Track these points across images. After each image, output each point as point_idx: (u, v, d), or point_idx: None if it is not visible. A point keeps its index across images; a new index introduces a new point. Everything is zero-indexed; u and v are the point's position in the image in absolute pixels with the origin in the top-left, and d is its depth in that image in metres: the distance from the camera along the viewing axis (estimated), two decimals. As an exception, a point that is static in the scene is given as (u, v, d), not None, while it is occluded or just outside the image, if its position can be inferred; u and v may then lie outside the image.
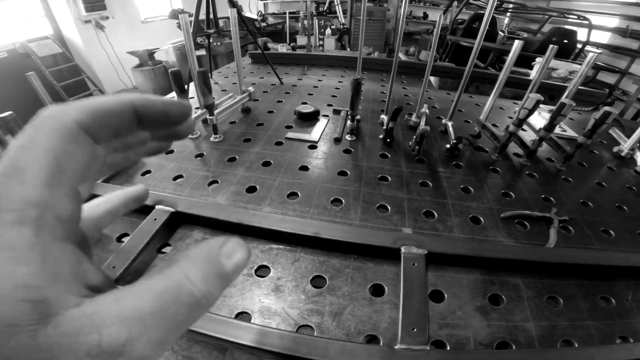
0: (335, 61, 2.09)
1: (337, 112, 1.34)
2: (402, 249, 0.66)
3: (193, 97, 1.43)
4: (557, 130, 1.26)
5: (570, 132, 1.36)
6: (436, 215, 0.83)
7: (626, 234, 0.84)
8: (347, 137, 1.15)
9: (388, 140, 1.09)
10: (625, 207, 0.93)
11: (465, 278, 0.68)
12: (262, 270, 0.67)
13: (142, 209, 0.75)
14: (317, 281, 0.66)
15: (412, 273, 0.63)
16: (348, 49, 4.29)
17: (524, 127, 1.15)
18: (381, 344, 0.56)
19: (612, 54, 4.53)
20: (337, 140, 1.13)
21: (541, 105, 1.62)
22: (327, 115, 1.33)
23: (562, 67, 2.32)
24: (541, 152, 1.13)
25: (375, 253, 0.69)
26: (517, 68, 3.17)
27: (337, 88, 1.67)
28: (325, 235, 0.67)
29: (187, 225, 0.76)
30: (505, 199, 0.92)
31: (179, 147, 1.08)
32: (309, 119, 1.27)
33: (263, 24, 5.53)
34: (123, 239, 0.73)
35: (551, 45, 1.05)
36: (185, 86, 1.37)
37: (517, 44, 1.06)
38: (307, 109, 1.28)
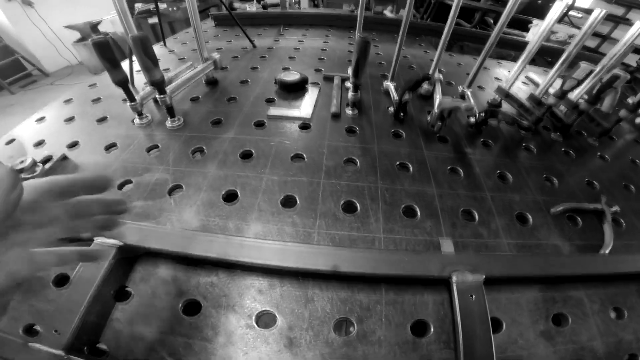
0: (316, 19, 1.77)
1: (328, 78, 1.08)
2: (454, 277, 0.49)
3: (140, 71, 1.11)
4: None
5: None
6: (477, 217, 0.64)
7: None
8: (348, 112, 0.90)
9: (402, 115, 0.86)
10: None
11: (523, 297, 0.54)
12: (266, 319, 0.47)
13: (76, 240, 0.50)
14: (342, 326, 0.49)
15: (471, 308, 0.47)
16: (321, 8, 3.88)
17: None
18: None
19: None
20: (336, 116, 0.88)
21: (528, 68, 1.45)
22: (316, 83, 1.06)
23: (562, 31, 2.17)
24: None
25: (412, 281, 0.51)
26: (509, 29, 2.99)
27: (323, 49, 1.38)
28: (347, 268, 0.47)
29: (149, 258, 0.52)
30: (547, 186, 0.75)
31: (122, 137, 0.79)
32: (295, 89, 0.99)
33: (226, -18, 4.86)
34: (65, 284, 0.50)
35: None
36: (127, 60, 1.04)
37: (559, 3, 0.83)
38: (292, 76, 1.00)
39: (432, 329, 0.47)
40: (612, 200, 0.73)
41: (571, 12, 3.83)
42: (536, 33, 0.88)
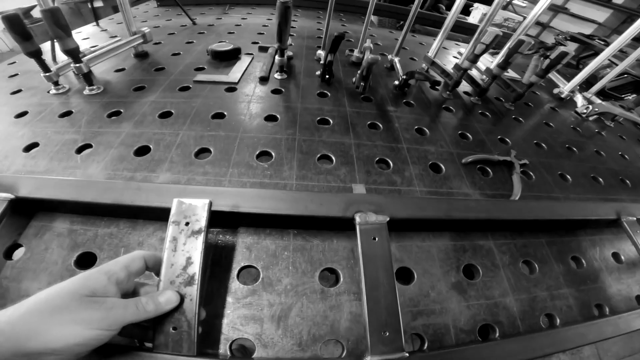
0: (263, -1, 1.75)
1: (263, 49, 1.08)
2: (357, 218, 0.47)
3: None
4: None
5: (512, 73, 1.30)
6: (392, 165, 0.67)
7: (581, 178, 0.79)
8: (276, 76, 0.91)
9: (327, 76, 0.88)
10: (574, 149, 0.89)
11: (434, 246, 0.53)
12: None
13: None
14: (247, 274, 0.47)
15: (374, 252, 0.44)
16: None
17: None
18: (344, 352, 0.41)
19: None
20: (264, 80, 0.89)
21: (462, 45, 1.55)
22: (251, 54, 1.06)
23: (499, 15, 2.31)
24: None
25: (321, 225, 0.51)
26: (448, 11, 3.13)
27: (264, 25, 1.38)
28: (247, 208, 0.46)
29: (45, 212, 0.50)
30: (463, 141, 0.80)
31: (34, 106, 0.75)
32: (227, 57, 0.99)
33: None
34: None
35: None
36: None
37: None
38: (225, 46, 0.99)
39: (341, 279, 0.46)
40: (524, 156, 0.77)
41: (515, 2, 4.08)
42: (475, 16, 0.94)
